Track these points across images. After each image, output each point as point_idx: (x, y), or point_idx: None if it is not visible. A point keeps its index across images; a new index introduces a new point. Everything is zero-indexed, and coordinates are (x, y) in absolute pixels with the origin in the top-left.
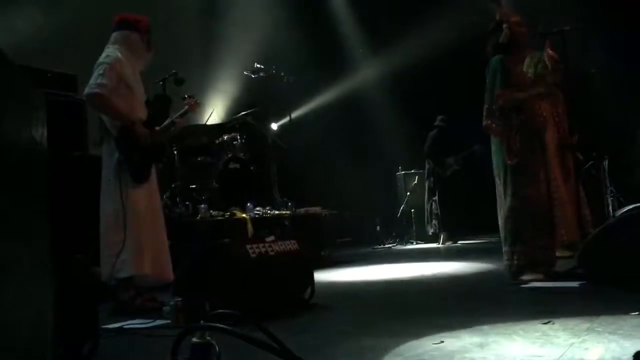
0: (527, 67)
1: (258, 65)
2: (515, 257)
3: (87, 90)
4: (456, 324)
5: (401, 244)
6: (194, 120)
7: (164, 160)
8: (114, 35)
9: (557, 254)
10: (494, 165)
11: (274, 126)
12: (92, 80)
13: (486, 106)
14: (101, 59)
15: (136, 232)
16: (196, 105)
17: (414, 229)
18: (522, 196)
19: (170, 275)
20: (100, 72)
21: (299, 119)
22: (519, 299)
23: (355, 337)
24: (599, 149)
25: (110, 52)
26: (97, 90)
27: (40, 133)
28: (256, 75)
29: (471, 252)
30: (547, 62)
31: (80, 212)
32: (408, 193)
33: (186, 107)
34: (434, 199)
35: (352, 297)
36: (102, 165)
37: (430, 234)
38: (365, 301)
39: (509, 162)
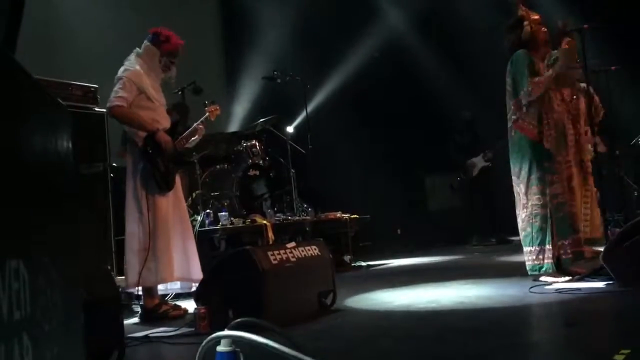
0: (545, 66)
1: (275, 72)
2: (545, 257)
3: (108, 104)
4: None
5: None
6: (214, 129)
7: (187, 167)
8: (143, 44)
9: (582, 251)
10: (513, 163)
11: (290, 129)
12: (112, 95)
13: (513, 101)
14: (120, 72)
15: (162, 240)
16: (217, 112)
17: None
18: (549, 194)
19: (200, 278)
20: (120, 86)
21: (317, 122)
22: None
23: (375, 342)
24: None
25: (129, 65)
26: (117, 103)
27: (66, 147)
28: (273, 82)
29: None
30: (559, 67)
31: (105, 222)
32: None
33: (207, 113)
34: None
35: (375, 301)
36: (126, 175)
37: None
38: (389, 307)
39: (546, 145)
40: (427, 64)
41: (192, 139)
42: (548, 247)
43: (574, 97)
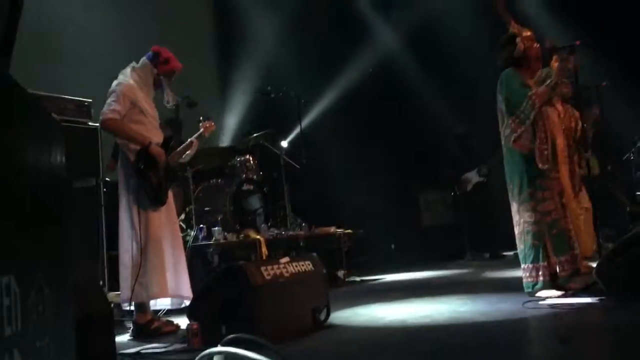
0: (535, 83)
1: (269, 87)
2: (539, 274)
3: (101, 116)
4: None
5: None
6: (207, 143)
7: (180, 182)
8: (141, 59)
9: (578, 267)
10: (508, 178)
11: (284, 143)
12: (105, 108)
13: (510, 119)
14: (113, 85)
15: (155, 255)
16: (212, 128)
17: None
18: (541, 210)
19: (190, 296)
20: (113, 98)
21: (311, 136)
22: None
23: (369, 359)
24: (612, 162)
25: (123, 78)
26: (110, 115)
27: (59, 161)
28: (267, 96)
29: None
30: (555, 77)
31: (97, 237)
32: None
33: (202, 129)
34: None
35: (369, 317)
36: (118, 190)
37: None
38: (383, 322)
39: (540, 165)
40: (422, 80)
41: (186, 153)
42: (543, 264)
43: (567, 112)
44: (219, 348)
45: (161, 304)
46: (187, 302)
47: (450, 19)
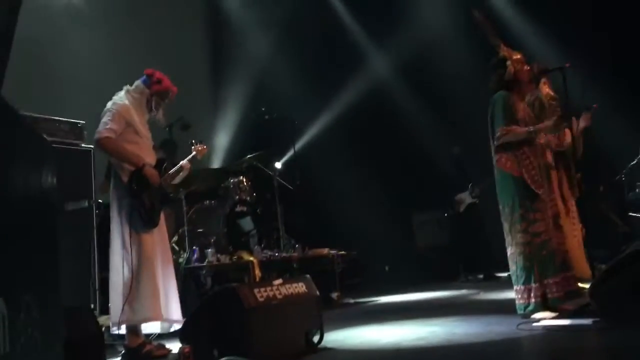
0: (527, 105)
1: (263, 109)
2: (531, 295)
3: (95, 135)
4: None
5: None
6: (201, 164)
7: (173, 203)
8: (135, 83)
9: (571, 288)
10: (499, 201)
11: (278, 165)
12: (100, 127)
13: (497, 129)
14: (108, 105)
15: (146, 277)
16: (204, 151)
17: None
18: (531, 232)
19: (180, 319)
20: (109, 117)
21: (304, 158)
22: None
23: None
24: (604, 182)
25: (118, 99)
26: (106, 134)
27: (50, 183)
28: (261, 119)
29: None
30: (544, 100)
31: (88, 259)
32: None
33: (194, 152)
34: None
35: (362, 339)
36: (111, 212)
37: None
38: (377, 345)
39: (536, 190)
40: (415, 102)
41: (179, 175)
42: (534, 285)
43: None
44: None
45: (150, 327)
46: (176, 326)
47: (444, 41)
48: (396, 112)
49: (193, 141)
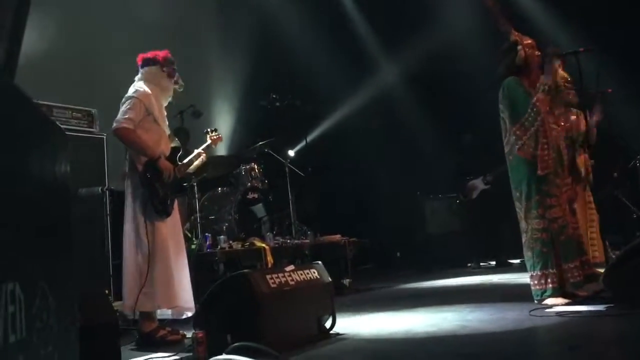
0: (536, 91)
1: (273, 96)
2: (548, 281)
3: (114, 124)
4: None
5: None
6: (213, 152)
7: (186, 193)
8: (139, 73)
9: (589, 272)
10: (513, 188)
11: (291, 152)
12: (119, 115)
13: (515, 127)
14: (130, 92)
15: (160, 265)
16: (219, 139)
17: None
18: (549, 217)
19: (192, 307)
20: (129, 106)
21: (316, 145)
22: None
23: None
24: (619, 169)
25: (139, 86)
26: (124, 124)
27: (64, 170)
28: (272, 105)
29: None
30: (560, 84)
31: (102, 246)
32: None
33: (209, 141)
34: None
35: (374, 326)
36: (125, 199)
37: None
38: (388, 331)
39: (540, 172)
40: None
41: (193, 164)
42: (551, 271)
43: (572, 117)
44: (224, 356)
45: (162, 313)
46: (188, 314)
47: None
48: (409, 95)
49: (208, 130)
